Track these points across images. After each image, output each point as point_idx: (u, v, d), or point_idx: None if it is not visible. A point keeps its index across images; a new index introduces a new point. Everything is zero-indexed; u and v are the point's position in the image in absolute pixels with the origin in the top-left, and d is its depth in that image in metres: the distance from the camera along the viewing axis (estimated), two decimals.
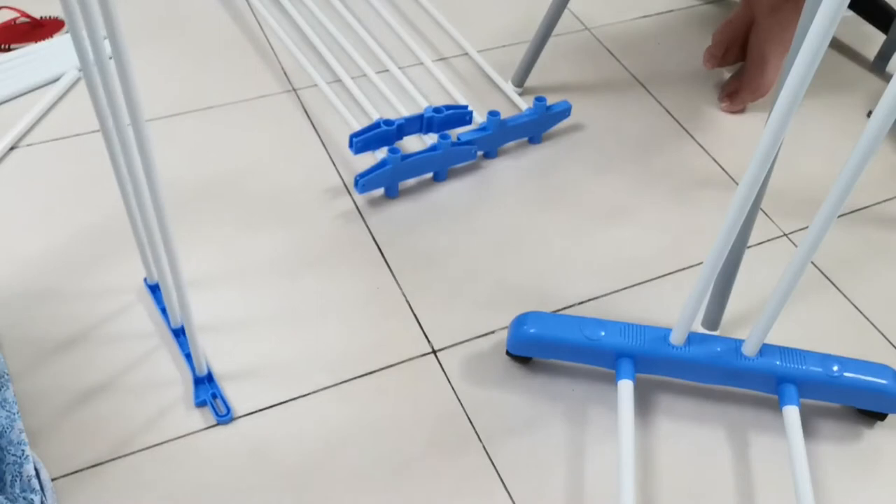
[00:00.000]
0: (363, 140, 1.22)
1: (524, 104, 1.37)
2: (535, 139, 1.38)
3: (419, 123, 1.29)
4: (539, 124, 1.36)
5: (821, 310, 1.16)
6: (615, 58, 1.57)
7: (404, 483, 0.93)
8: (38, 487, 0.81)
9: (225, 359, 1.03)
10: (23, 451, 0.82)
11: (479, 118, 1.33)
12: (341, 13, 1.58)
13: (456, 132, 1.29)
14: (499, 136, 1.30)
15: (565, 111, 1.38)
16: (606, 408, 1.01)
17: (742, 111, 1.44)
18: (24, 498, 0.80)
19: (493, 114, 1.29)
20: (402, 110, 1.26)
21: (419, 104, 1.37)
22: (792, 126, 0.75)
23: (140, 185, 0.78)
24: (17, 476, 0.80)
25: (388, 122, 1.24)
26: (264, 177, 1.27)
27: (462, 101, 1.37)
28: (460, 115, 1.31)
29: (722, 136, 1.42)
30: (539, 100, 1.33)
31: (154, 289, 1.08)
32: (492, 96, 1.42)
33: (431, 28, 1.54)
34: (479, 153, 1.31)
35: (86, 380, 0.99)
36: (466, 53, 1.52)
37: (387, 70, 1.37)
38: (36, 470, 0.83)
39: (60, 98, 1.37)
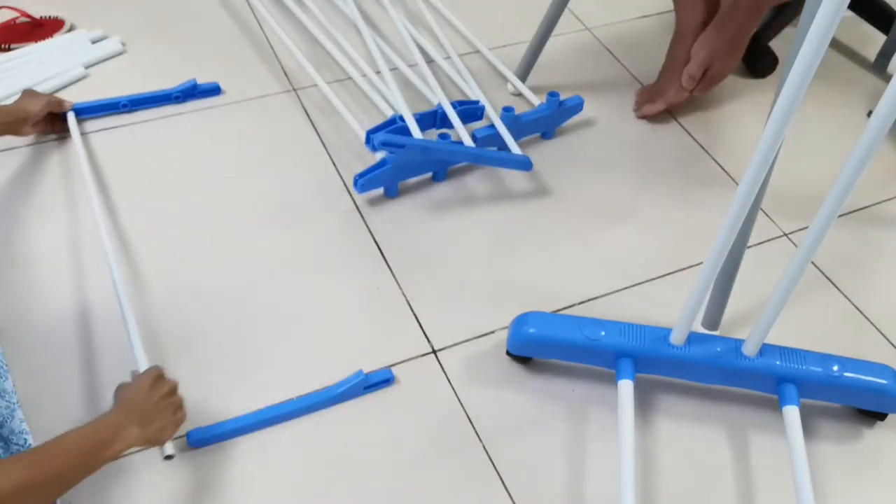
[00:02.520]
0: (382, 135, 1.20)
1: (536, 99, 1.38)
2: (547, 134, 1.38)
3: (433, 119, 1.29)
4: (552, 119, 1.36)
5: (821, 310, 1.16)
6: (615, 58, 1.57)
7: (405, 482, 0.93)
8: None
9: (225, 359, 1.03)
10: (25, 439, 0.82)
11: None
12: (340, 13, 1.58)
13: (471, 127, 1.29)
14: (515, 131, 1.30)
15: (578, 106, 1.38)
16: (606, 408, 1.01)
17: (705, 88, 1.39)
18: None
19: (507, 109, 1.29)
20: (406, 108, 1.26)
21: (427, 101, 1.37)
22: (792, 126, 0.75)
23: None
24: None
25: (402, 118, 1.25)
26: (264, 177, 1.27)
27: (471, 97, 1.37)
28: (472, 111, 1.31)
29: (722, 136, 1.42)
30: (552, 95, 1.33)
31: None
32: (494, 93, 1.42)
33: (432, 28, 1.54)
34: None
35: (86, 380, 1.00)
36: (471, 52, 1.53)
37: (391, 69, 1.37)
38: None
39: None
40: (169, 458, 0.88)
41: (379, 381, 1.00)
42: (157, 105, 1.36)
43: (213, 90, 1.40)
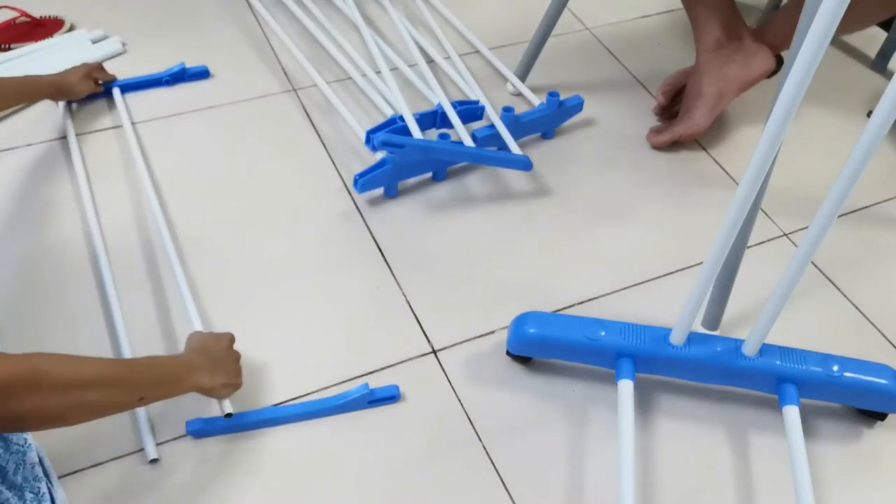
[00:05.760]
0: (382, 135, 1.20)
1: (536, 99, 1.38)
2: (548, 134, 1.38)
3: (433, 119, 1.29)
4: (552, 119, 1.36)
5: (821, 310, 1.16)
6: (615, 58, 1.57)
7: (405, 483, 0.93)
8: (41, 475, 0.81)
9: None
10: (25, 439, 0.82)
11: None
12: (340, 13, 1.58)
13: (471, 127, 1.29)
14: (515, 131, 1.30)
15: (578, 106, 1.38)
16: (606, 408, 1.01)
17: (666, 143, 1.37)
18: (30, 486, 0.79)
19: (507, 109, 1.29)
20: (406, 108, 1.26)
21: (427, 101, 1.37)
22: (792, 126, 0.75)
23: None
24: (20, 464, 0.80)
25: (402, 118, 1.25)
26: (264, 177, 1.27)
27: (471, 97, 1.37)
28: (472, 111, 1.31)
29: (722, 136, 1.42)
30: (552, 95, 1.33)
31: None
32: (494, 93, 1.42)
33: (432, 28, 1.54)
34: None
35: None
36: (471, 52, 1.53)
37: (391, 69, 1.37)
38: (39, 458, 0.83)
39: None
40: (229, 416, 0.94)
41: (384, 398, 0.99)
42: (147, 88, 1.40)
43: (202, 73, 1.43)
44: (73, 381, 0.71)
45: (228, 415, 0.94)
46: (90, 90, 1.35)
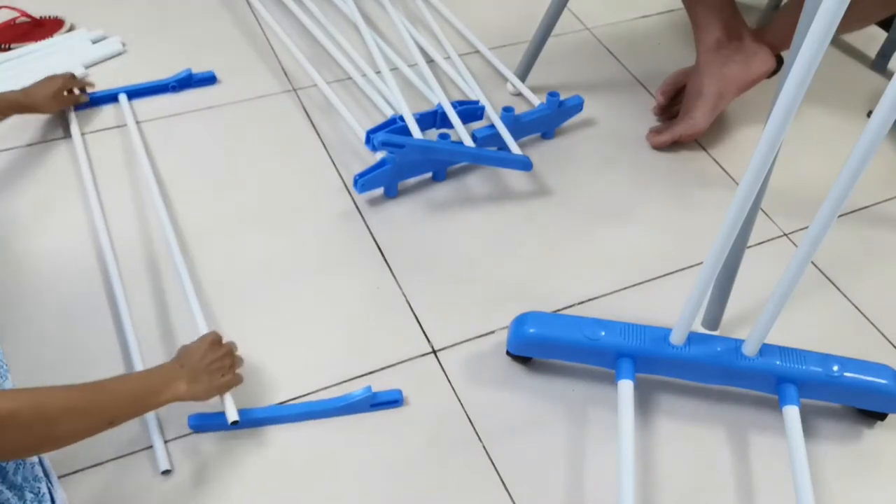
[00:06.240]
0: (382, 134, 1.20)
1: (536, 99, 1.38)
2: (548, 134, 1.38)
3: (433, 119, 1.29)
4: (552, 119, 1.36)
5: (821, 310, 1.16)
6: (615, 58, 1.57)
7: (405, 483, 0.93)
8: (41, 475, 0.81)
9: None
10: None
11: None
12: (340, 13, 1.58)
13: (471, 127, 1.29)
14: (515, 131, 1.30)
15: (578, 106, 1.38)
16: (606, 408, 1.01)
17: (666, 143, 1.37)
18: (30, 486, 0.79)
19: (507, 109, 1.29)
20: (406, 108, 1.26)
21: (427, 101, 1.37)
22: (792, 126, 0.75)
23: None
24: (20, 464, 0.80)
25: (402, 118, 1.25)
26: (264, 177, 1.27)
27: (471, 97, 1.37)
28: (472, 111, 1.31)
29: (722, 136, 1.42)
30: (552, 95, 1.33)
31: None
32: (494, 93, 1.42)
33: (432, 28, 1.54)
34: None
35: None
36: (471, 52, 1.53)
37: (391, 69, 1.37)
38: (39, 458, 0.83)
39: None
40: (234, 423, 0.93)
41: (387, 402, 0.99)
42: (154, 94, 1.39)
43: (209, 79, 1.42)
44: (39, 420, 0.72)
45: (234, 422, 0.93)
46: (59, 107, 1.30)
